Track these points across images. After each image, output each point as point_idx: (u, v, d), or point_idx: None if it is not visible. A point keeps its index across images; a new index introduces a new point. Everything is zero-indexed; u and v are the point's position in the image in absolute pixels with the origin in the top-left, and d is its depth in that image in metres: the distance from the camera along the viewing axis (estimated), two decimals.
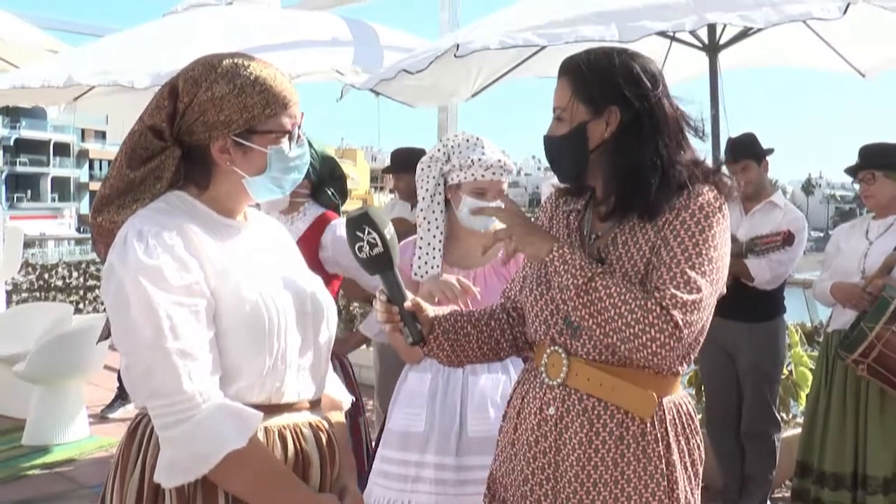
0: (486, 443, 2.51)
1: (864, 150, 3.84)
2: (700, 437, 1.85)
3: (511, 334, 1.98)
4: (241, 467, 1.49)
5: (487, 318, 1.98)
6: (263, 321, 1.55)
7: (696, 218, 1.69)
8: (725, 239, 1.73)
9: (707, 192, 1.73)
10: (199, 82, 1.57)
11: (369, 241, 1.74)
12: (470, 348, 1.94)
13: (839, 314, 3.83)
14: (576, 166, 1.82)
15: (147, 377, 1.47)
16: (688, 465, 1.79)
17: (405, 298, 1.84)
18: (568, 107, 1.79)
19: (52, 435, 5.21)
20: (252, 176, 1.61)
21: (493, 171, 2.63)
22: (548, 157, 1.87)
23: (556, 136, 1.82)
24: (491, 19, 4.24)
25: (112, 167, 1.64)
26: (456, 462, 2.57)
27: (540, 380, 1.83)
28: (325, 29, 5.40)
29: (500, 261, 2.65)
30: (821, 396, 3.90)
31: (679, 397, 1.82)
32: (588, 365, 1.76)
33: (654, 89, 1.76)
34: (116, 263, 1.49)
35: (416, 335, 1.86)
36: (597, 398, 1.74)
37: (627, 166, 1.75)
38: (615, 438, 1.73)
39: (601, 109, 1.76)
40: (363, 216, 1.74)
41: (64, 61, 5.48)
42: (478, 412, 2.60)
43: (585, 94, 1.77)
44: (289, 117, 1.62)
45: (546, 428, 1.78)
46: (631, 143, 1.75)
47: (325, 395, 1.78)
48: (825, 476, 3.79)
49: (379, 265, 1.78)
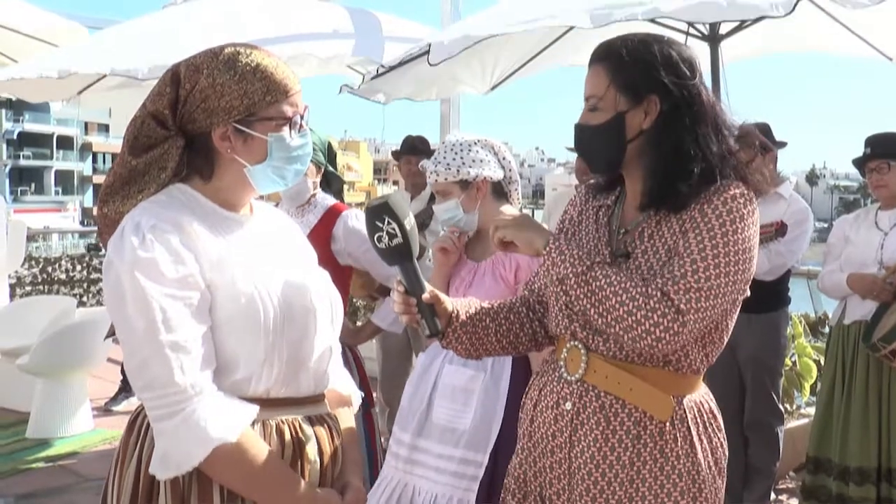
0: (444, 431, 2.64)
1: (875, 139, 3.80)
2: (723, 435, 1.81)
3: (531, 328, 1.95)
4: (232, 461, 1.49)
5: (507, 311, 1.95)
6: (259, 314, 1.54)
7: (719, 211, 1.65)
8: (749, 234, 1.67)
9: (733, 188, 1.68)
10: (201, 69, 1.57)
11: (389, 231, 1.71)
12: (489, 341, 1.91)
13: (856, 306, 3.78)
14: (612, 157, 1.77)
15: (141, 369, 1.47)
16: (712, 464, 1.76)
17: (424, 290, 1.80)
18: (605, 95, 1.74)
19: (55, 428, 5.21)
20: (253, 165, 1.60)
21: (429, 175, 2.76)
22: (580, 146, 1.82)
23: (592, 125, 1.76)
24: (490, 11, 4.22)
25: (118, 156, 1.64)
26: (411, 441, 2.67)
27: (558, 374, 1.81)
28: (326, 19, 5.38)
29: (499, 257, 2.68)
30: (836, 390, 3.85)
31: (700, 395, 1.79)
32: (607, 362, 1.73)
33: (692, 78, 1.72)
34: (114, 257, 1.49)
35: (434, 328, 1.83)
36: (614, 396, 1.72)
37: (669, 157, 1.71)
38: (632, 437, 1.70)
39: (641, 99, 1.72)
40: (383, 206, 1.71)
41: (63, 53, 5.47)
42: (443, 401, 2.67)
43: (623, 83, 1.72)
44: (290, 105, 1.61)
45: (562, 423, 1.76)
46: (671, 133, 1.71)
47: (332, 390, 1.77)
48: (849, 471, 3.73)
49: (398, 256, 1.75)
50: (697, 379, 1.79)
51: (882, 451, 3.69)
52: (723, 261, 1.63)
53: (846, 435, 3.78)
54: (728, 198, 1.67)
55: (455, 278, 2.80)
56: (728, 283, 1.64)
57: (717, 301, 1.64)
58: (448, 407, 2.65)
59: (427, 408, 2.68)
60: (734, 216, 1.65)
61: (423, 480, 2.63)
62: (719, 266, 1.62)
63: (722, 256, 1.63)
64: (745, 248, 1.66)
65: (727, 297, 1.65)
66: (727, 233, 1.64)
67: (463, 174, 2.70)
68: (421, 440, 2.66)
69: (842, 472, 3.77)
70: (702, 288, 1.61)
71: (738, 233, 1.65)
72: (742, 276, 1.66)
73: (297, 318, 1.61)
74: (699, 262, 1.62)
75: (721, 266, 1.62)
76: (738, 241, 1.64)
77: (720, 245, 1.63)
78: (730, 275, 1.64)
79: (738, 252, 1.64)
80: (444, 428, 2.63)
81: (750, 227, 1.68)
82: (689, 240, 1.65)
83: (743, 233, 1.65)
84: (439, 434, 2.63)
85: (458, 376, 2.65)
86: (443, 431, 2.63)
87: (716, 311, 1.65)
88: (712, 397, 1.85)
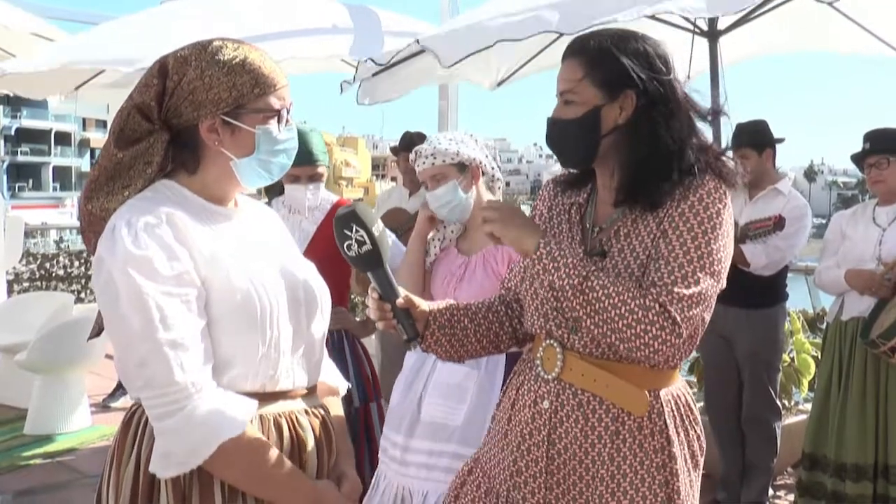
0: (437, 429, 2.63)
1: (873, 134, 3.79)
2: (700, 427, 1.83)
3: (510, 326, 1.96)
4: (236, 457, 1.49)
5: (485, 310, 1.95)
6: (255, 309, 1.54)
7: (696, 209, 1.66)
8: (726, 230, 1.69)
9: (708, 182, 1.69)
10: (189, 61, 1.56)
11: (357, 238, 1.73)
12: (468, 342, 1.91)
13: (854, 302, 3.77)
14: (585, 152, 1.76)
15: (140, 368, 1.46)
16: (687, 456, 1.77)
17: (397, 295, 1.81)
18: (579, 89, 1.73)
19: (53, 424, 5.22)
20: (240, 158, 1.59)
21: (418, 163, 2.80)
22: (551, 140, 1.81)
23: (566, 119, 1.75)
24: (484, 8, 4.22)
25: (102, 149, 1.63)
26: (403, 442, 2.67)
27: (535, 373, 1.81)
28: (324, 15, 5.37)
29: (490, 250, 2.68)
30: (833, 386, 3.84)
31: (677, 388, 1.80)
32: (583, 360, 1.74)
33: (667, 73, 1.73)
34: (105, 255, 1.48)
35: (412, 332, 1.84)
36: (591, 393, 1.72)
37: (644, 153, 1.71)
38: (611, 434, 1.71)
39: (616, 94, 1.72)
40: (350, 214, 1.73)
41: (59, 48, 5.45)
42: (433, 398, 2.66)
43: (599, 78, 1.72)
44: (278, 98, 1.61)
45: (540, 421, 1.76)
46: (647, 128, 1.71)
47: (320, 381, 1.77)
48: (845, 468, 3.73)
49: (368, 263, 1.77)
50: (674, 372, 1.80)
51: (879, 448, 3.69)
52: (707, 261, 1.64)
53: (843, 432, 3.78)
54: (704, 194, 1.67)
55: (446, 273, 2.79)
56: (714, 283, 1.66)
57: (706, 304, 1.66)
58: (441, 404, 2.64)
59: (418, 408, 2.68)
60: (711, 213, 1.66)
61: (415, 480, 2.63)
62: (705, 268, 1.64)
63: (706, 258, 1.64)
64: (723, 245, 1.68)
65: (713, 297, 1.67)
66: (707, 231, 1.65)
67: (462, 156, 2.71)
68: (413, 440, 2.65)
69: (838, 468, 3.76)
70: (693, 294, 1.62)
71: (717, 229, 1.66)
72: (723, 271, 1.68)
73: (291, 312, 1.62)
74: (687, 267, 1.63)
75: (706, 268, 1.64)
76: (717, 238, 1.66)
77: (703, 246, 1.64)
78: (715, 275, 1.65)
79: (718, 251, 1.66)
80: (437, 425, 2.62)
81: (725, 222, 1.69)
82: (671, 242, 1.66)
83: (720, 229, 1.67)
84: (432, 432, 2.62)
85: (453, 374, 2.65)
86: (435, 429, 2.62)
87: (705, 314, 1.67)
88: (689, 389, 1.86)
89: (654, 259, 1.67)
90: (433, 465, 2.60)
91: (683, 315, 1.61)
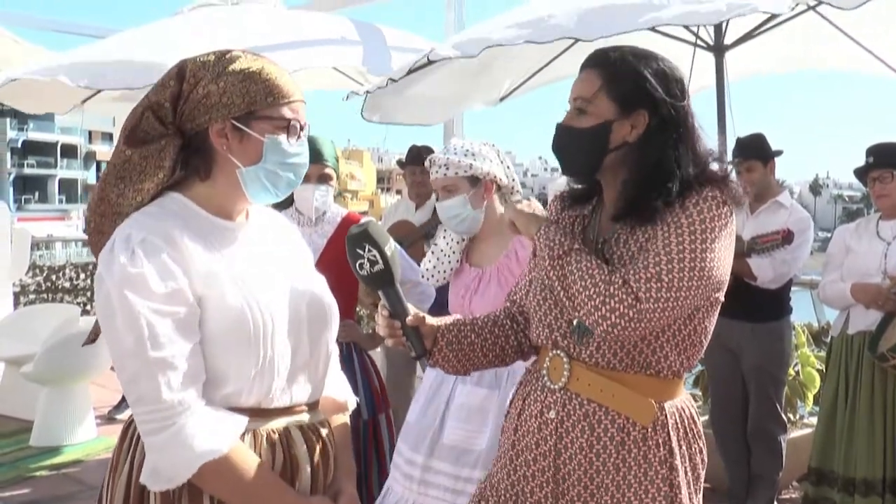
0: (458, 452, 2.60)
1: (877, 149, 3.79)
2: (703, 441, 1.83)
3: (516, 340, 1.98)
4: (222, 473, 1.50)
5: (491, 325, 1.98)
6: (248, 328, 1.54)
7: (689, 212, 1.66)
8: (719, 235, 1.67)
9: (707, 191, 1.69)
10: (207, 67, 1.58)
11: (370, 258, 1.73)
12: (475, 356, 1.94)
13: (859, 316, 3.77)
14: (589, 163, 1.78)
15: (131, 384, 1.48)
16: (688, 469, 1.78)
17: (407, 313, 1.84)
18: (593, 100, 1.74)
19: (59, 436, 5.23)
20: (247, 166, 1.59)
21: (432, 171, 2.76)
22: (558, 146, 1.81)
23: (576, 127, 1.76)
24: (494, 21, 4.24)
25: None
26: (424, 462, 2.64)
27: (542, 383, 1.83)
28: (331, 30, 5.40)
29: (504, 262, 2.68)
30: (839, 401, 3.83)
31: (681, 401, 1.80)
32: (589, 370, 1.75)
33: (682, 98, 1.74)
34: (104, 272, 1.50)
35: (420, 349, 1.87)
36: (598, 403, 1.74)
37: (648, 172, 1.72)
38: (616, 444, 1.72)
39: (630, 111, 1.73)
40: (363, 234, 1.74)
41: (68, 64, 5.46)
42: (455, 421, 2.64)
43: (615, 92, 1.73)
44: (290, 110, 1.61)
45: (546, 431, 1.77)
46: (654, 149, 1.72)
47: (327, 396, 1.77)
48: (854, 482, 3.72)
49: (380, 282, 1.78)
50: (679, 383, 1.81)
51: (888, 462, 3.68)
52: (688, 256, 1.63)
53: (851, 446, 3.76)
54: (700, 199, 1.68)
55: (459, 286, 2.80)
56: (692, 277, 1.63)
57: (679, 294, 1.62)
58: (463, 428, 2.62)
59: (440, 428, 2.66)
60: (704, 216, 1.66)
61: (440, 502, 2.60)
62: (683, 261, 1.63)
63: (688, 252, 1.63)
64: (713, 248, 1.65)
65: (690, 292, 1.63)
66: (695, 231, 1.65)
67: (475, 170, 2.69)
68: (434, 461, 2.63)
69: (847, 483, 3.75)
70: (662, 279, 1.61)
71: (707, 232, 1.65)
72: (709, 274, 1.65)
73: (291, 328, 1.62)
74: (662, 255, 1.63)
75: (686, 261, 1.63)
76: (705, 238, 1.65)
77: (686, 241, 1.64)
78: (694, 270, 1.63)
79: (704, 250, 1.64)
80: (460, 450, 2.60)
81: (721, 228, 1.67)
82: (657, 236, 1.67)
83: (711, 232, 1.66)
84: (455, 456, 2.60)
85: (473, 396, 2.63)
86: (459, 454, 2.59)
87: (678, 305, 1.63)
88: (693, 403, 1.87)
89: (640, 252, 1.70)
90: (460, 490, 2.56)
91: (648, 294, 1.60)
